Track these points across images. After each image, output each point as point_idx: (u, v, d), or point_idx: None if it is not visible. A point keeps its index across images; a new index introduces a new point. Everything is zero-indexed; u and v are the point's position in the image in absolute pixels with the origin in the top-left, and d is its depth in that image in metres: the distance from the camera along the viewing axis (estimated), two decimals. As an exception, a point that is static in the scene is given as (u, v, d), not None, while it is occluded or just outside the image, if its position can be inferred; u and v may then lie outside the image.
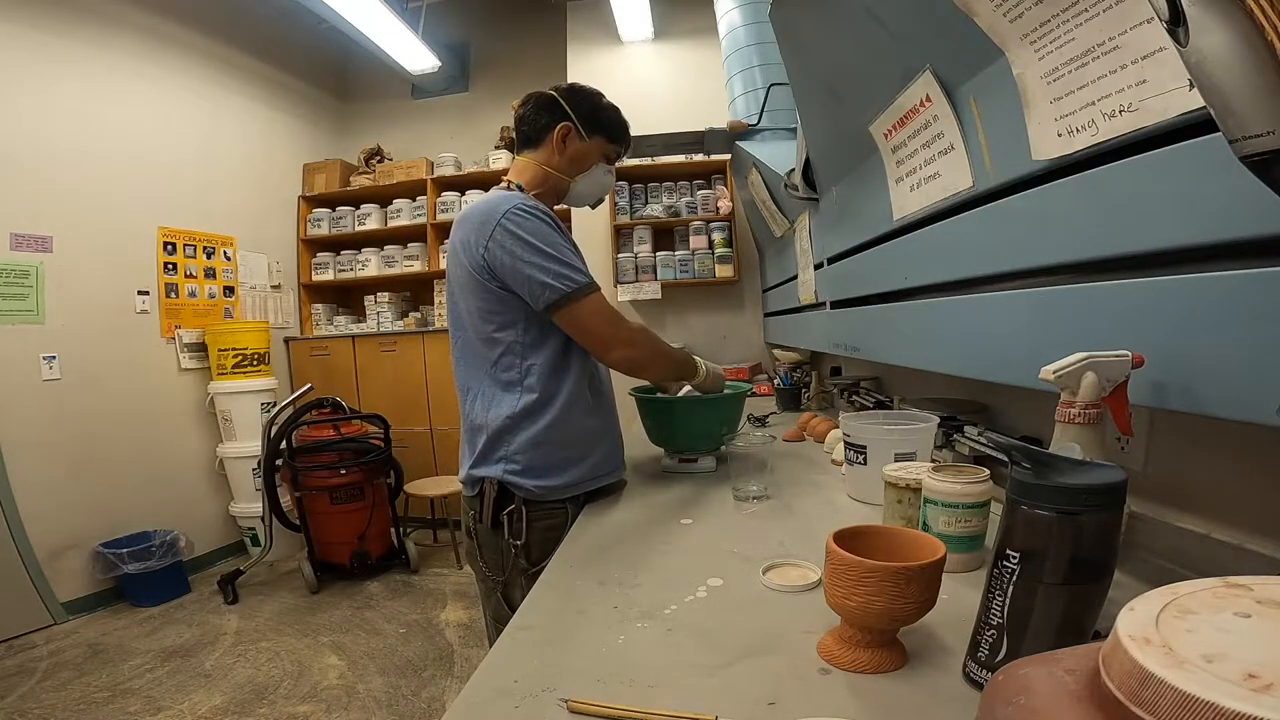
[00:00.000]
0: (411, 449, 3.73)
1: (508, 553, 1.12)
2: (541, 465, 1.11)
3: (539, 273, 1.04)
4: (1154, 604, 0.29)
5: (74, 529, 2.83)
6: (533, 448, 1.10)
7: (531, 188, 1.19)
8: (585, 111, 1.19)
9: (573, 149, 1.19)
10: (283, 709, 2.08)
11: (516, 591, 1.12)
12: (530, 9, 4.11)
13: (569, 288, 1.05)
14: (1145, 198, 0.58)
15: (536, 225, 1.06)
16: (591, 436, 1.18)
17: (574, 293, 1.06)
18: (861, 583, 0.54)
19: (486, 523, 1.12)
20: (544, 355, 1.11)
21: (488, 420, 1.11)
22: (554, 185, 1.21)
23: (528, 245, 1.04)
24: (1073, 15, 0.61)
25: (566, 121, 1.17)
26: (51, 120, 2.85)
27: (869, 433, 1.05)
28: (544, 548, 1.08)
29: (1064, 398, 0.63)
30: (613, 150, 1.24)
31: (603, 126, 1.21)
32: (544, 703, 0.55)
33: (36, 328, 2.78)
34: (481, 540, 1.15)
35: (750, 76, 2.39)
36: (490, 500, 1.11)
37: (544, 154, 1.19)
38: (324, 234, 4.21)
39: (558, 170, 1.19)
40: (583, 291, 1.07)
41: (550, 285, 1.04)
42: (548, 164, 1.19)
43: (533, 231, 1.05)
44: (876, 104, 1.05)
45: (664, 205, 3.41)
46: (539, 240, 1.05)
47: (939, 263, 0.99)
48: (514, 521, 1.11)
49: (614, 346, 1.12)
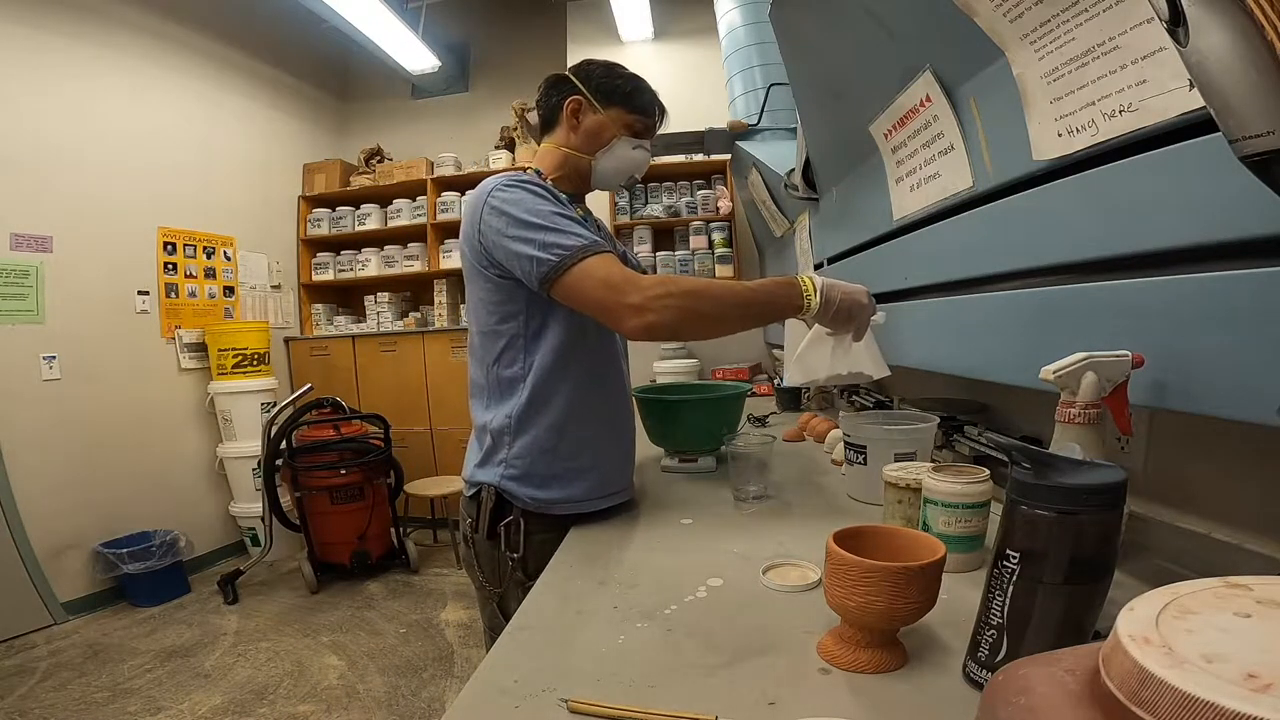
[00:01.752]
0: (411, 449, 3.73)
1: (505, 564, 1.07)
2: (541, 474, 1.04)
3: (526, 246, 0.93)
4: (1154, 604, 0.29)
5: (74, 529, 2.83)
6: (531, 453, 1.04)
7: (551, 172, 1.10)
8: (597, 82, 1.08)
9: (587, 123, 1.08)
10: (283, 709, 2.08)
11: (512, 604, 1.05)
12: (530, 9, 4.11)
13: (557, 257, 0.92)
14: (1145, 198, 0.58)
15: (520, 195, 0.96)
16: (594, 449, 1.08)
17: (563, 261, 0.92)
18: (861, 583, 0.54)
19: (483, 533, 1.06)
20: (546, 350, 1.03)
21: (490, 420, 1.06)
22: (575, 166, 1.10)
23: (511, 219, 0.94)
24: (1073, 15, 0.61)
25: (576, 95, 1.07)
26: (51, 120, 2.85)
27: (869, 433, 1.04)
28: (541, 561, 1.02)
29: (1064, 398, 0.63)
30: (636, 121, 1.09)
31: (619, 95, 1.08)
32: (544, 703, 0.55)
33: (36, 328, 2.78)
34: (478, 550, 1.10)
35: (750, 76, 2.39)
36: (488, 510, 1.05)
37: (561, 135, 1.09)
38: (324, 234, 4.21)
39: (575, 149, 1.09)
40: (573, 257, 0.92)
41: (537, 258, 0.92)
42: (565, 144, 1.09)
43: (515, 202, 0.95)
44: (876, 104, 1.05)
45: (664, 205, 3.42)
46: (522, 212, 0.94)
47: (939, 263, 0.99)
48: (512, 534, 1.05)
49: (623, 315, 0.91)
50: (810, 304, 0.94)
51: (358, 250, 4.22)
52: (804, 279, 0.95)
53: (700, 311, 0.93)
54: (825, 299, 0.94)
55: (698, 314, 0.93)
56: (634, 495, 1.22)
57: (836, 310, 0.95)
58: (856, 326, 0.98)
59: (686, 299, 0.91)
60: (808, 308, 0.94)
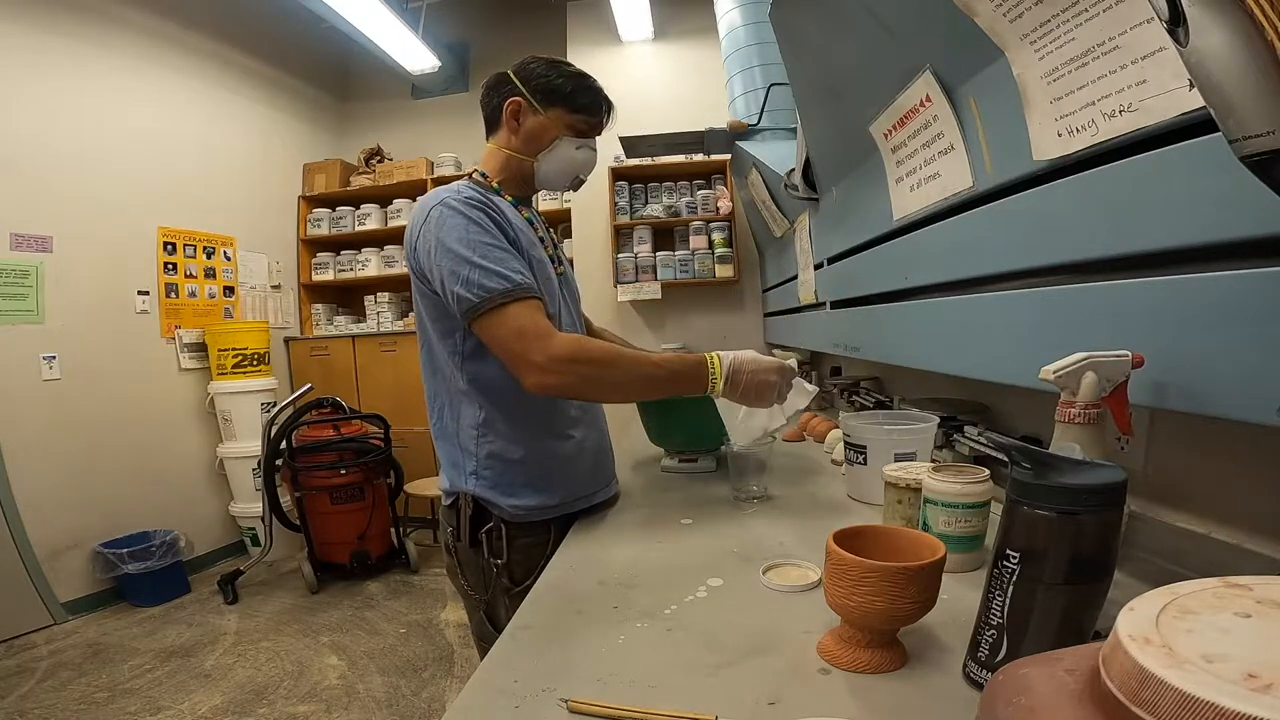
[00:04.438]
0: (411, 449, 3.73)
1: (489, 571, 1.05)
2: (510, 483, 1.03)
3: (451, 279, 0.91)
4: (1154, 604, 0.29)
5: (74, 529, 2.83)
6: (499, 462, 1.02)
7: (495, 175, 1.08)
8: (537, 81, 1.04)
9: (527, 125, 1.05)
10: (283, 709, 2.08)
11: (500, 610, 1.06)
12: (530, 9, 4.11)
13: (478, 297, 0.90)
14: (1145, 198, 0.58)
15: (457, 222, 0.93)
16: (562, 459, 1.07)
17: (483, 302, 0.90)
18: (861, 583, 0.54)
19: (465, 540, 1.05)
20: (491, 364, 0.99)
21: (457, 429, 1.04)
22: (517, 168, 1.07)
23: (444, 248, 0.92)
24: (1073, 15, 0.61)
25: (516, 96, 1.03)
26: (51, 120, 2.85)
27: (869, 433, 1.04)
28: (527, 566, 1.02)
29: (1064, 398, 0.63)
30: (579, 121, 1.06)
31: (560, 95, 1.04)
32: (544, 703, 0.55)
33: (36, 328, 2.78)
34: (461, 558, 1.08)
35: (750, 76, 2.39)
36: (467, 517, 1.04)
37: (503, 136, 1.07)
38: (324, 234, 4.21)
39: (517, 152, 1.06)
40: (494, 300, 0.90)
41: (458, 294, 0.91)
42: (507, 146, 1.07)
43: (451, 229, 0.93)
44: (876, 104, 1.05)
45: (664, 205, 3.41)
46: (454, 241, 0.92)
47: (939, 263, 0.99)
48: (494, 540, 1.04)
49: (525, 371, 0.91)
50: (715, 385, 0.99)
51: (358, 250, 4.22)
52: (713, 359, 0.99)
53: (605, 380, 0.95)
54: (730, 381, 0.99)
55: (601, 382, 0.96)
56: (618, 490, 1.22)
57: (744, 389, 0.99)
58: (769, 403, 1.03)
59: (591, 368, 0.93)
60: (713, 388, 0.99)
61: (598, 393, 1.02)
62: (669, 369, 0.98)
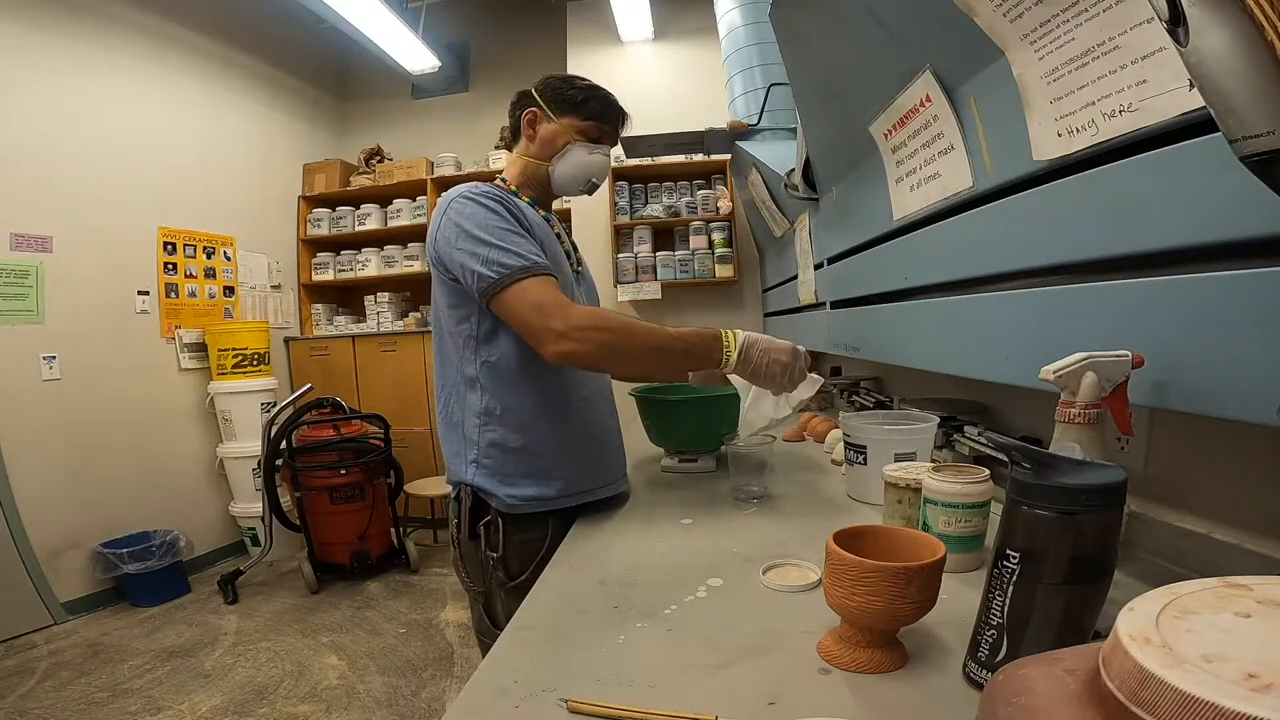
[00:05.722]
0: (411, 449, 3.73)
1: (486, 564, 1.08)
2: (510, 472, 1.06)
3: (470, 259, 0.98)
4: (1154, 604, 0.29)
5: (74, 529, 2.83)
6: (498, 450, 1.06)
7: (515, 181, 1.18)
8: (552, 93, 1.15)
9: (542, 132, 1.15)
10: (283, 709, 2.08)
11: (496, 604, 1.09)
12: (530, 9, 4.11)
13: (496, 274, 0.96)
14: (1145, 198, 0.58)
15: (474, 210, 1.00)
16: (566, 448, 1.09)
17: (502, 278, 0.96)
18: (861, 583, 0.54)
19: (465, 533, 1.09)
20: (500, 351, 1.05)
21: (462, 419, 1.09)
22: (535, 174, 1.17)
23: (463, 233, 0.99)
24: (1073, 15, 0.61)
25: (533, 107, 1.15)
26: (52, 120, 2.85)
27: (869, 433, 1.05)
28: (523, 561, 1.05)
29: (1064, 398, 0.63)
30: (590, 127, 1.15)
31: (571, 104, 1.14)
32: (544, 703, 0.55)
33: (36, 328, 2.78)
34: (463, 550, 1.12)
35: (750, 76, 2.39)
36: (467, 509, 1.08)
37: (522, 145, 1.18)
38: (324, 234, 4.21)
39: (533, 157, 1.16)
40: (512, 276, 0.96)
41: (478, 273, 0.97)
42: (525, 153, 1.17)
43: (469, 216, 1.00)
44: (876, 104, 1.05)
45: (664, 205, 3.41)
46: (473, 226, 0.99)
47: (939, 263, 0.99)
48: (491, 533, 1.07)
49: (545, 339, 0.95)
50: (729, 359, 0.99)
51: (358, 250, 4.22)
52: (728, 334, 1.00)
53: (621, 349, 0.97)
54: (744, 356, 0.99)
55: (618, 351, 0.98)
56: (627, 489, 1.23)
57: (754, 367, 1.00)
58: (780, 385, 1.02)
59: (610, 335, 0.96)
60: (726, 361, 0.99)
61: (616, 362, 1.03)
62: (685, 341, 1.00)
